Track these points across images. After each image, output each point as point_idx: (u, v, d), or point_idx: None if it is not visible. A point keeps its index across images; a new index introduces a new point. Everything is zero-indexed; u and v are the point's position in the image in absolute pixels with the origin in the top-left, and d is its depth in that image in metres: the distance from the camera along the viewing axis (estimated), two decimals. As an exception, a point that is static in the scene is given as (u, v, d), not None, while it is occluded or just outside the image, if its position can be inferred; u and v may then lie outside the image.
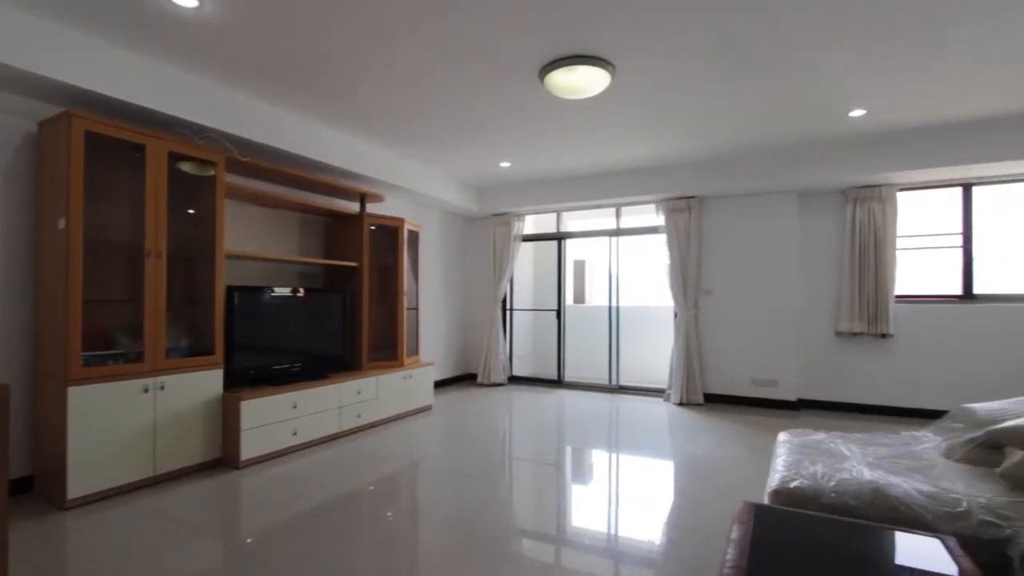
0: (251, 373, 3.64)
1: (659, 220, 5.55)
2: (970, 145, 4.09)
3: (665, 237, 5.49)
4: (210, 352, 3.31)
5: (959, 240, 4.66)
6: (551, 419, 4.82)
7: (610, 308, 6.29)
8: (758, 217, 5.23)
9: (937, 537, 1.48)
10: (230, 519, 2.63)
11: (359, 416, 4.20)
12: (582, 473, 3.43)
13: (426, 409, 5.03)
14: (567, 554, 2.27)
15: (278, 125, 3.71)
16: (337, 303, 4.34)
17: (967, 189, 4.64)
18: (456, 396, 5.77)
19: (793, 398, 5.04)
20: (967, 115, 3.85)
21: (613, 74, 3.05)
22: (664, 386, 5.64)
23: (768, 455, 3.46)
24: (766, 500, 1.92)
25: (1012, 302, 4.46)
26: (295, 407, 3.64)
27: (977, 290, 4.60)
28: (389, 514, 2.65)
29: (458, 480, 3.13)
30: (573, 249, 7.77)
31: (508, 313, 6.70)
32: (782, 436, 2.50)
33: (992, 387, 4.39)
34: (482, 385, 6.39)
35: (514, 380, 6.63)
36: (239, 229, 3.93)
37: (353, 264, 4.48)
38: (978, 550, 1.52)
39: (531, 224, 6.72)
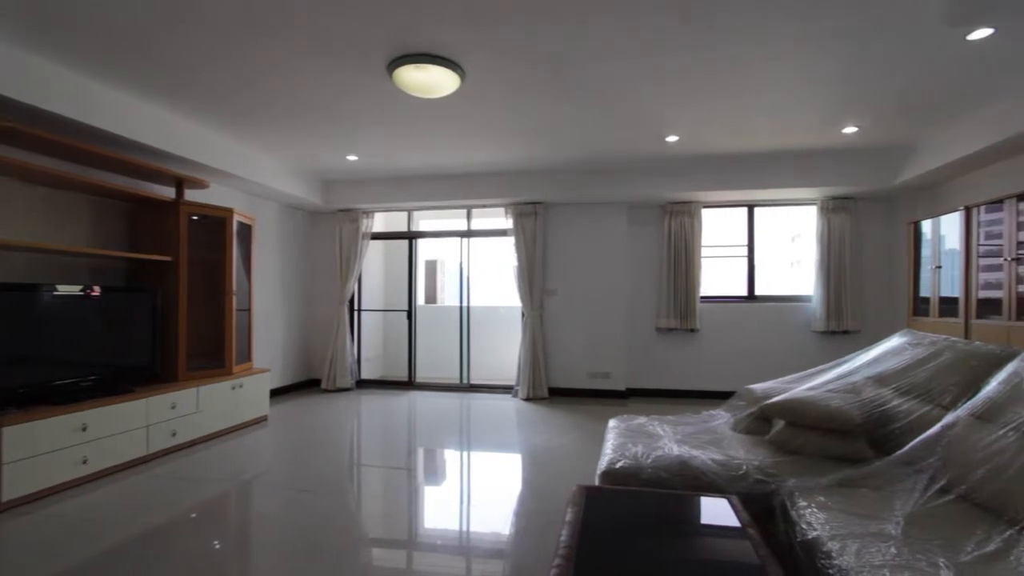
0: (21, 392, 2.93)
1: (508, 223, 5.78)
2: (752, 174, 5.00)
3: (513, 240, 5.74)
4: (-46, 368, 2.58)
5: (745, 251, 5.68)
6: (401, 422, 4.71)
7: (461, 308, 6.37)
8: (594, 224, 5.74)
9: (725, 497, 1.78)
10: (-16, 578, 2.08)
11: (174, 435, 3.64)
12: (433, 474, 3.42)
13: (261, 421, 4.56)
14: (419, 557, 2.24)
15: (62, 87, 3.03)
16: (144, 304, 3.70)
17: (751, 210, 5.68)
18: (297, 404, 5.33)
19: (623, 387, 5.64)
20: (750, 149, 4.69)
21: (463, 77, 3.09)
22: (513, 383, 5.88)
23: (601, 440, 3.82)
24: (597, 481, 2.11)
25: (780, 302, 5.59)
26: (85, 429, 3.02)
27: (758, 292, 5.66)
28: (216, 544, 2.34)
29: (297, 496, 2.89)
30: (426, 249, 7.71)
31: (356, 314, 6.39)
32: (612, 422, 2.78)
33: (771, 369, 5.37)
34: (327, 391, 5.99)
35: (363, 384, 6.35)
36: (3, 212, 3.14)
37: (166, 258, 3.86)
38: (753, 504, 1.86)
39: (381, 222, 6.49)
